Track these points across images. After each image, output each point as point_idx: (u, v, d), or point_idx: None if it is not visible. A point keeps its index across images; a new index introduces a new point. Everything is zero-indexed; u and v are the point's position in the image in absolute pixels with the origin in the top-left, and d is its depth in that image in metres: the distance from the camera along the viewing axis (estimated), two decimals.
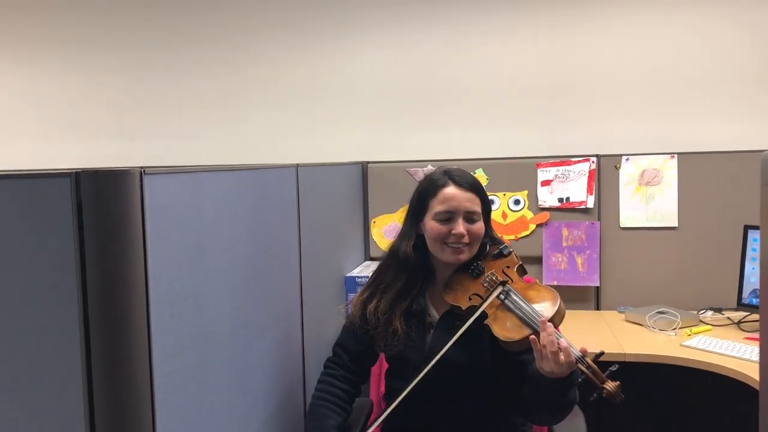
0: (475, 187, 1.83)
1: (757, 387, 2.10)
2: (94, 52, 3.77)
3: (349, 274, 2.82)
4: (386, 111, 3.50)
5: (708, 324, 2.74)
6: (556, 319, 1.70)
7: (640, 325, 2.77)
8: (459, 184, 1.81)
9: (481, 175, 3.16)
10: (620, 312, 2.98)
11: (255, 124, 3.63)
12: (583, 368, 1.60)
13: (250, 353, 1.66)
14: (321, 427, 1.84)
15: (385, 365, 2.02)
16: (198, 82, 3.68)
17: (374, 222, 3.28)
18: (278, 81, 3.60)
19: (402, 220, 1.95)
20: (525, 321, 1.69)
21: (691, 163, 3.02)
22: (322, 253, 2.47)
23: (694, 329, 2.67)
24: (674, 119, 3.22)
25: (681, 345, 2.51)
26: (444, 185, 1.82)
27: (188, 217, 1.30)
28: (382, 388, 2.11)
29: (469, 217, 1.80)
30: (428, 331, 1.85)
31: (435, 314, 1.88)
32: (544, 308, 1.72)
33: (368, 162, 3.32)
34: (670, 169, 3.03)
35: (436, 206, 1.81)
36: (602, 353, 1.66)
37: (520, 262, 1.85)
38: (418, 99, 3.46)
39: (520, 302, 1.74)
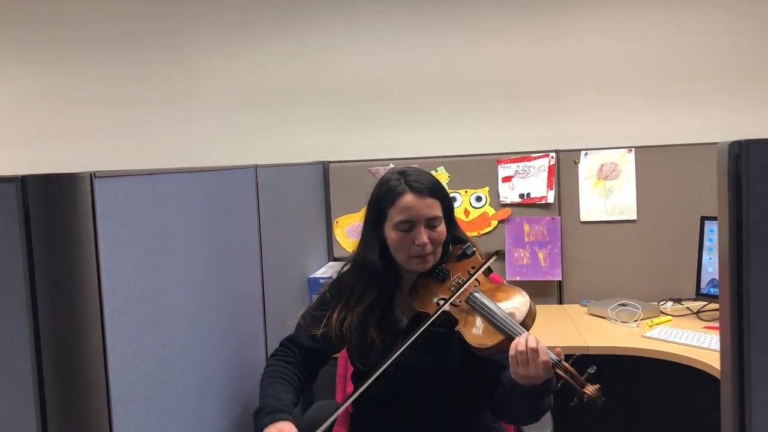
0: (433, 191, 1.74)
1: (716, 375, 2.14)
2: (39, 51, 3.67)
3: (312, 275, 2.80)
4: (347, 110, 3.48)
5: (668, 315, 2.79)
6: (528, 321, 1.66)
7: (603, 317, 2.80)
8: (417, 190, 1.72)
9: (442, 173, 3.16)
10: (583, 305, 3.01)
11: (213, 125, 3.58)
12: (561, 372, 1.56)
13: (212, 357, 1.63)
14: (277, 396, 1.73)
15: (350, 368, 2.00)
16: (153, 83, 3.61)
17: (337, 222, 3.26)
18: (236, 81, 3.55)
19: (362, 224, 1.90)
20: (496, 325, 1.64)
21: (648, 156, 3.06)
22: (284, 254, 2.44)
23: (655, 320, 2.71)
24: (631, 114, 3.27)
25: (643, 336, 2.55)
26: (402, 193, 1.73)
27: (143, 220, 1.26)
28: (348, 391, 2.09)
29: (430, 224, 1.73)
30: (397, 337, 1.80)
31: (404, 319, 1.83)
32: (515, 310, 1.67)
33: (329, 162, 3.29)
34: (627, 162, 3.07)
35: (395, 216, 1.73)
36: (579, 356, 1.61)
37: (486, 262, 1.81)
38: (378, 98, 3.45)
39: (490, 305, 1.69)
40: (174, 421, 1.38)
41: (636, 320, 2.71)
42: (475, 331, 1.67)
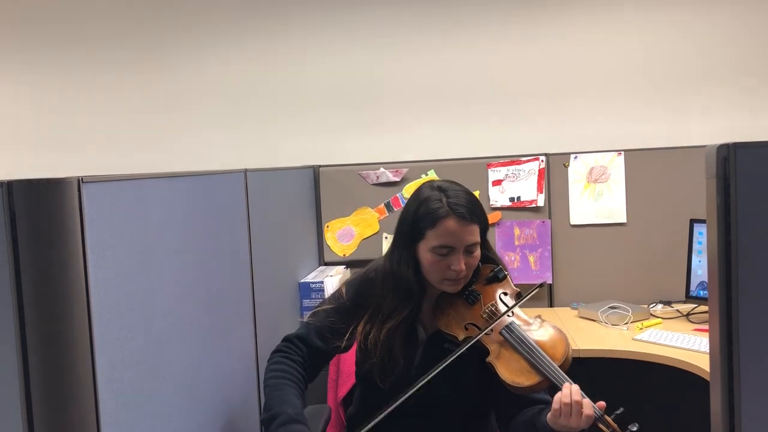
0: (474, 214, 1.67)
1: (706, 377, 2.15)
2: (35, 56, 3.65)
3: (303, 280, 2.79)
4: (337, 114, 3.47)
5: (658, 317, 2.80)
6: (567, 363, 1.59)
7: (593, 320, 2.81)
8: (460, 216, 1.64)
9: (433, 176, 3.16)
10: (573, 308, 3.02)
11: (203, 129, 3.57)
12: (603, 427, 1.50)
13: (201, 364, 1.62)
14: (291, 403, 1.64)
15: (343, 371, 1.99)
16: (144, 88, 3.59)
17: (327, 226, 3.26)
18: (226, 85, 3.55)
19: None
20: (534, 365, 1.57)
21: (637, 159, 3.07)
22: (275, 259, 2.43)
23: (645, 323, 2.72)
24: (620, 117, 3.28)
25: (633, 339, 2.55)
26: (444, 217, 1.64)
27: (132, 226, 1.25)
28: (340, 394, 2.08)
29: (468, 249, 1.67)
30: (415, 351, 1.75)
31: (423, 332, 1.78)
32: (554, 350, 1.59)
33: (320, 166, 3.29)
34: (617, 166, 3.08)
35: (434, 239, 1.66)
36: (622, 411, 1.56)
37: (518, 289, 1.73)
38: (369, 102, 3.45)
39: (528, 342, 1.60)
40: (163, 428, 1.37)
41: (626, 323, 2.72)
42: (511, 368, 1.59)
